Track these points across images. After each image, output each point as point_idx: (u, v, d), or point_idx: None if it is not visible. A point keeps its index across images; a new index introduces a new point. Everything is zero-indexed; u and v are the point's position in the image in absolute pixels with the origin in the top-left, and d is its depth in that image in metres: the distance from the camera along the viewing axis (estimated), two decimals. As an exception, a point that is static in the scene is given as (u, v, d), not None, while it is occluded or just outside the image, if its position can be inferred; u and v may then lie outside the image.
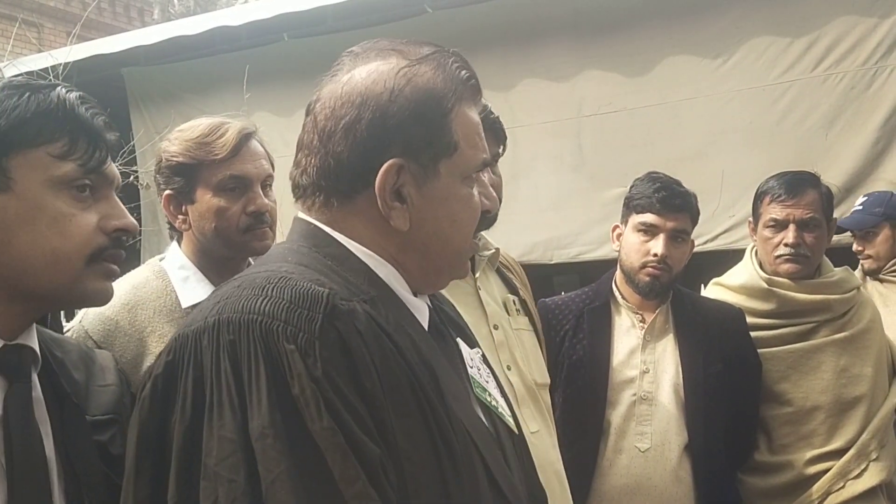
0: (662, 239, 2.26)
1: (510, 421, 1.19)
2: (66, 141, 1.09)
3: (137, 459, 0.95)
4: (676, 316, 2.36)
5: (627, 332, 2.36)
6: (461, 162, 1.08)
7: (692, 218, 2.33)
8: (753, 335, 2.38)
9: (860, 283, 2.51)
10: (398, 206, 1.05)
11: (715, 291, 2.57)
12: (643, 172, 2.40)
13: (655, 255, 2.25)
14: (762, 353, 2.38)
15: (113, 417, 1.24)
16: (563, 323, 2.38)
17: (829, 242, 2.47)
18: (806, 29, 3.65)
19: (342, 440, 0.89)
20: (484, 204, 1.17)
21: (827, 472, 2.27)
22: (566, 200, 4.12)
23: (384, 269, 1.08)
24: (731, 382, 2.29)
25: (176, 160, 1.72)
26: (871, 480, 2.26)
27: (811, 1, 3.64)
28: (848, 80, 3.58)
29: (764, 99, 3.73)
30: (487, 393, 1.17)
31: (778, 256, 2.36)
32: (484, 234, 1.91)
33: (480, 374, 1.20)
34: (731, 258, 2.89)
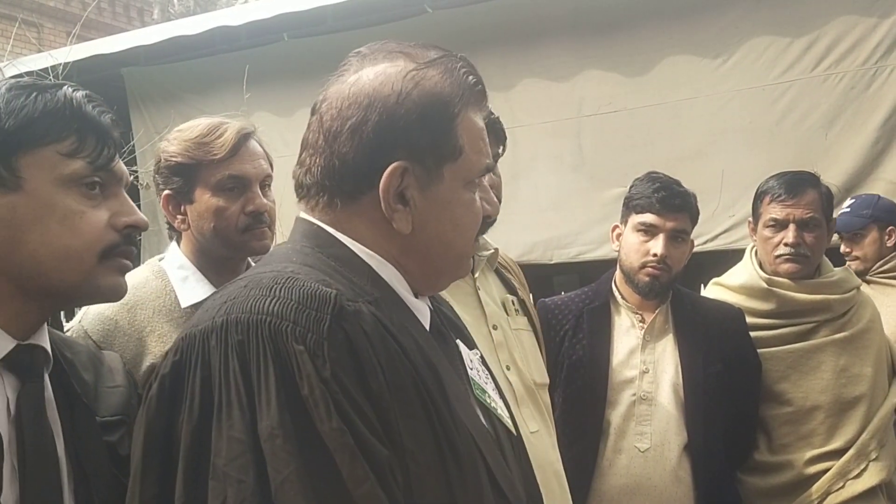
0: (662, 239, 2.26)
1: (508, 422, 1.20)
2: (74, 139, 1.09)
3: (144, 459, 0.95)
4: (676, 316, 2.35)
5: (627, 332, 2.36)
6: (465, 167, 1.08)
7: (692, 218, 2.33)
8: (753, 335, 2.38)
9: (860, 282, 2.51)
10: (401, 208, 1.05)
11: (715, 291, 2.57)
12: (643, 172, 2.40)
13: (655, 255, 2.25)
14: (762, 352, 2.38)
15: (122, 418, 1.24)
16: (562, 323, 2.38)
17: (828, 242, 2.47)
18: (806, 29, 3.65)
19: (351, 441, 0.89)
20: (485, 209, 1.17)
21: (827, 471, 2.27)
22: (566, 200, 4.12)
23: (386, 270, 1.08)
24: (730, 382, 2.29)
25: (175, 160, 1.72)
26: (870, 480, 2.26)
27: (811, 1, 3.64)
28: (848, 79, 3.59)
29: (764, 99, 3.73)
30: (486, 394, 1.17)
31: (778, 256, 2.36)
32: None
33: (479, 375, 1.20)
34: (730, 258, 2.89)
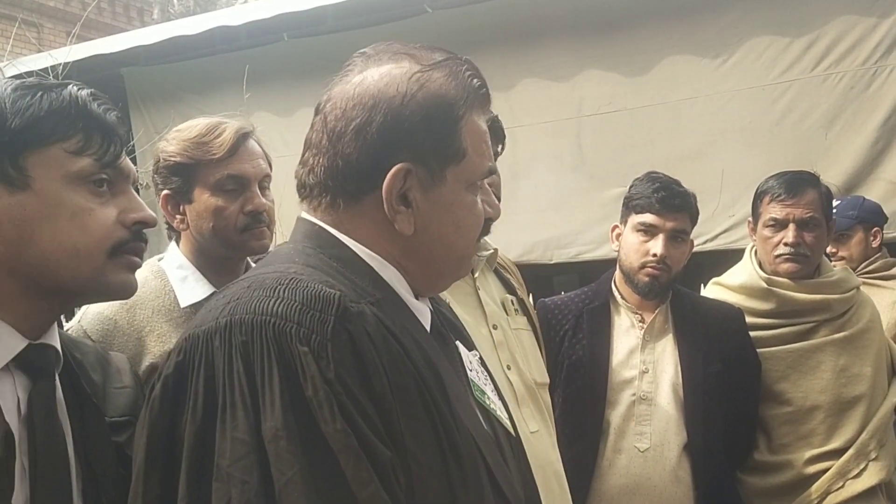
0: (662, 239, 2.26)
1: (507, 423, 1.20)
2: (80, 137, 1.10)
3: (147, 459, 0.95)
4: (676, 316, 2.35)
5: (627, 332, 2.36)
6: (468, 169, 1.08)
7: (691, 218, 2.33)
8: (753, 335, 2.38)
9: (860, 282, 2.51)
10: (404, 210, 1.05)
11: (714, 291, 2.57)
12: (643, 172, 2.40)
13: (655, 255, 2.25)
14: (761, 352, 2.38)
15: (130, 419, 1.24)
16: (562, 323, 2.38)
17: (828, 242, 2.47)
18: (805, 29, 3.65)
19: (355, 442, 0.89)
20: (486, 211, 1.17)
21: (826, 471, 2.27)
22: (566, 200, 4.12)
23: (388, 271, 1.08)
24: (730, 382, 2.29)
25: (173, 160, 1.72)
26: (870, 480, 2.25)
27: (811, 1, 3.64)
28: (847, 79, 3.58)
29: (763, 99, 3.73)
30: (486, 396, 1.18)
31: (778, 256, 2.36)
32: (482, 234, 1.91)
33: (479, 376, 1.20)
34: (730, 258, 2.89)
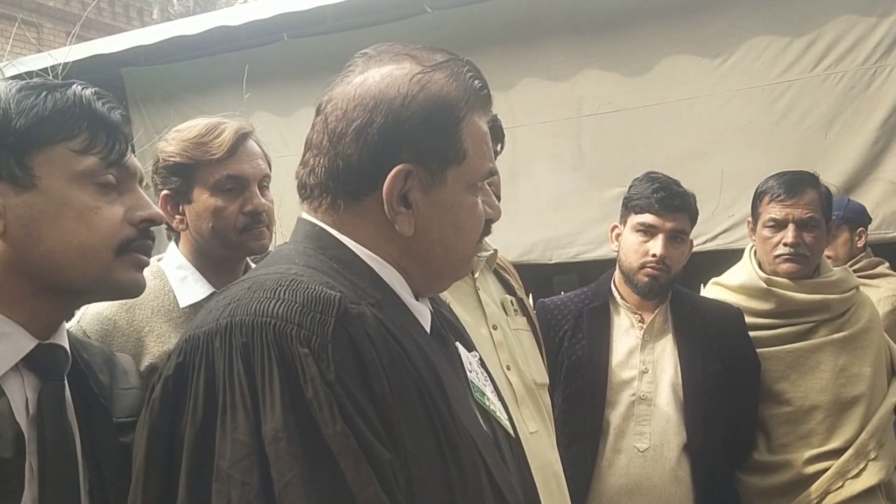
0: (661, 239, 2.26)
1: (507, 424, 1.20)
2: (85, 136, 1.10)
3: (147, 460, 0.95)
4: (675, 316, 2.36)
5: (626, 332, 2.36)
6: (469, 170, 1.09)
7: (691, 218, 2.33)
8: (752, 335, 2.38)
9: (859, 282, 2.51)
10: (404, 211, 1.05)
11: (714, 291, 2.57)
12: (643, 172, 2.41)
13: (654, 255, 2.25)
14: (761, 352, 2.38)
15: (136, 420, 1.25)
16: (562, 323, 2.38)
17: (827, 242, 2.47)
18: (805, 28, 3.64)
19: (355, 444, 0.89)
20: (487, 212, 1.17)
21: (826, 471, 2.27)
22: (566, 200, 4.11)
23: (388, 272, 1.08)
24: (729, 382, 2.29)
25: (173, 160, 1.72)
26: (869, 480, 2.25)
27: (811, 1, 3.64)
28: (847, 79, 3.58)
29: (763, 98, 3.72)
30: (485, 397, 1.18)
31: (777, 256, 2.36)
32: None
33: (479, 378, 1.20)
34: (730, 258, 2.88)
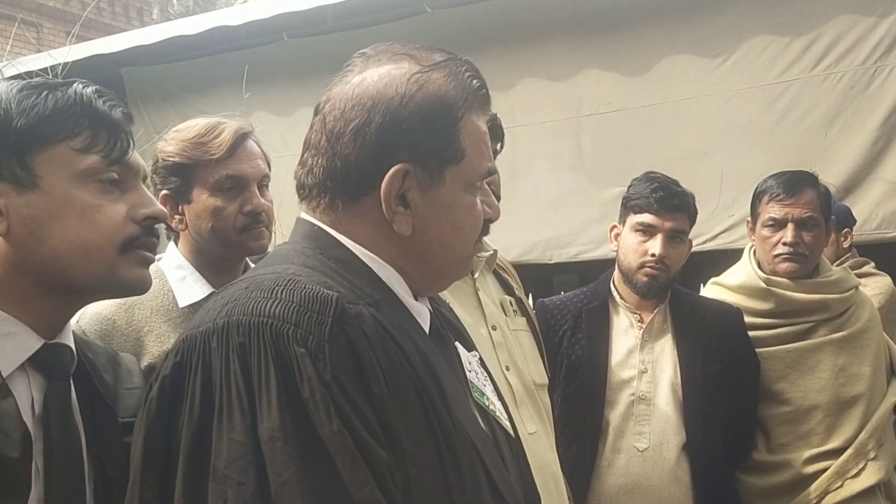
0: (660, 239, 2.26)
1: (507, 424, 1.20)
2: (87, 134, 1.10)
3: (144, 460, 0.95)
4: (675, 316, 2.35)
5: (626, 331, 2.36)
6: (467, 170, 1.08)
7: (690, 218, 2.33)
8: (752, 335, 2.38)
9: (858, 282, 2.51)
10: (402, 210, 1.05)
11: (713, 291, 2.57)
12: (642, 172, 2.40)
13: (653, 255, 2.25)
14: (760, 352, 2.37)
15: None
16: (561, 323, 2.38)
17: (827, 242, 2.47)
18: (805, 28, 3.65)
19: (351, 444, 0.89)
20: (486, 212, 1.17)
21: (825, 471, 2.27)
22: (565, 200, 4.12)
23: (386, 272, 1.08)
24: (729, 382, 2.29)
25: (172, 160, 1.72)
26: (869, 479, 2.25)
27: (810, 0, 3.64)
28: (847, 79, 3.58)
29: (763, 98, 3.72)
30: (485, 397, 1.17)
31: (776, 255, 2.36)
32: (482, 235, 1.91)
33: (478, 377, 1.20)
34: (730, 258, 2.88)
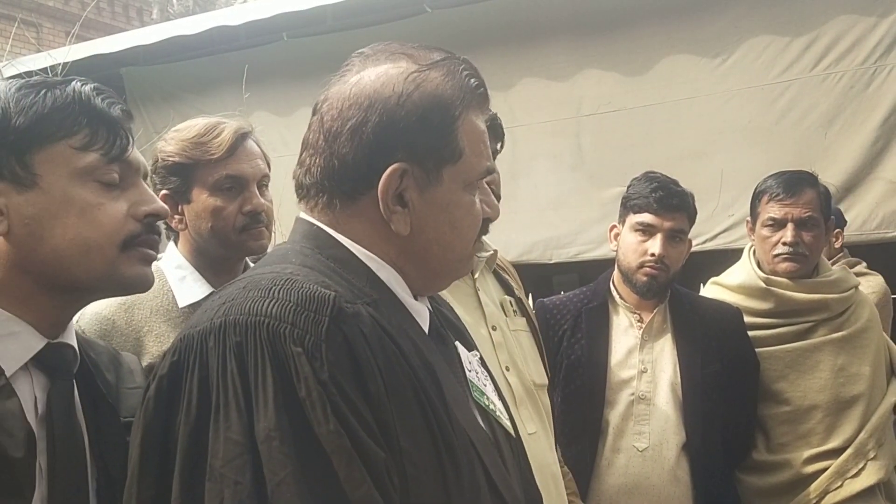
0: (660, 239, 2.26)
1: (507, 424, 1.19)
2: (86, 132, 1.10)
3: (141, 459, 0.95)
4: (674, 315, 2.35)
5: (625, 331, 2.36)
6: (465, 169, 1.08)
7: (689, 217, 2.32)
8: (751, 334, 2.38)
9: (858, 282, 2.51)
10: (400, 210, 1.05)
11: (713, 291, 2.57)
12: (642, 172, 2.41)
13: (653, 254, 2.25)
14: (760, 352, 2.38)
15: None
16: (560, 323, 2.38)
17: (826, 242, 2.47)
18: (805, 28, 3.65)
19: (348, 443, 0.89)
20: (485, 211, 1.17)
21: (825, 470, 2.27)
22: (565, 200, 4.11)
23: (385, 271, 1.08)
24: (728, 382, 2.29)
25: (172, 160, 1.72)
26: (868, 479, 2.25)
27: (810, 0, 3.64)
28: (847, 79, 3.58)
29: (763, 98, 3.72)
30: (485, 396, 1.17)
31: (776, 255, 2.36)
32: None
33: (478, 377, 1.20)
34: (730, 258, 2.88)
